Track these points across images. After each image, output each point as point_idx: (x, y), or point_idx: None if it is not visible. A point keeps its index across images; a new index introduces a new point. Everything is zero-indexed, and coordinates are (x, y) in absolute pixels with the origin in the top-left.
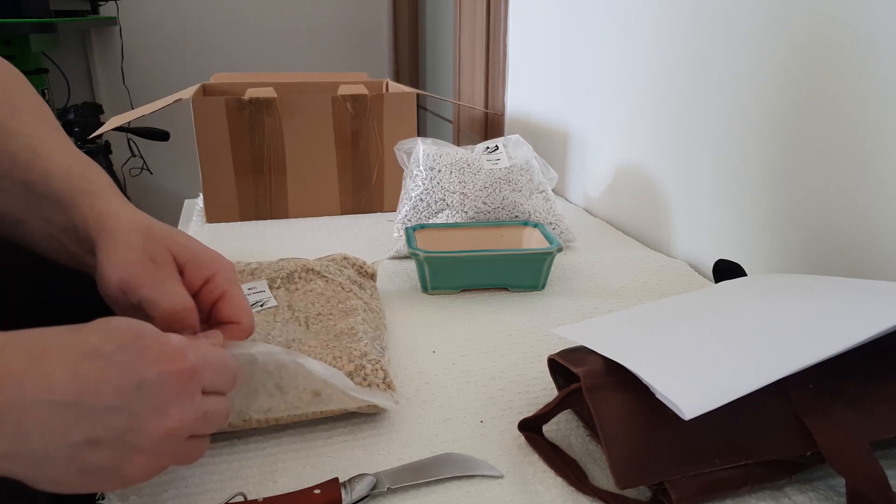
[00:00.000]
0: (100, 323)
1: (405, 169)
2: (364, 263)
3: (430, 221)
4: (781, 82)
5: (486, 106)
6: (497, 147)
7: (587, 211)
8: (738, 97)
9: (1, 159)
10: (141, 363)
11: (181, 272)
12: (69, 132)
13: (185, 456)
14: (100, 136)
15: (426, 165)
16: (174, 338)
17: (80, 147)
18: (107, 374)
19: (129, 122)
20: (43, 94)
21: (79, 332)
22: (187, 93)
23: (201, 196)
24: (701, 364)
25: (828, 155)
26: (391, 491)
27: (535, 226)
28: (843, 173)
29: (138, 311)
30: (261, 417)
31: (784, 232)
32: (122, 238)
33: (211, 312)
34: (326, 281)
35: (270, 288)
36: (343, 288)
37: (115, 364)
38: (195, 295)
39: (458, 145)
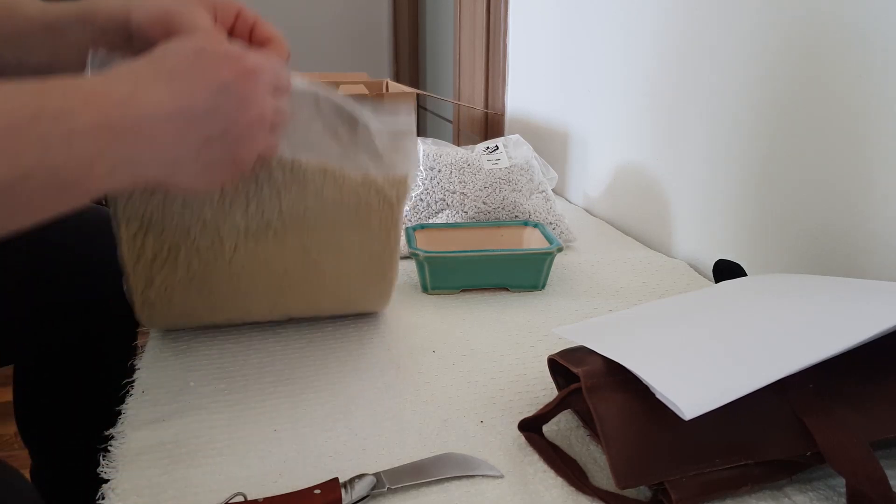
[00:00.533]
0: (161, 48)
1: None
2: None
3: (430, 221)
4: (782, 82)
5: (486, 106)
6: (497, 147)
7: (587, 211)
8: (738, 97)
9: (21, 21)
10: (215, 70)
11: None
12: None
13: (267, 144)
14: None
15: (426, 165)
16: (231, 46)
17: None
18: (193, 85)
19: None
20: None
21: (149, 60)
22: None
23: None
24: (701, 364)
25: (828, 155)
26: (391, 491)
27: (535, 226)
28: (843, 173)
29: None
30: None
31: (784, 232)
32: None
33: (250, 43)
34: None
35: None
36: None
37: (195, 77)
38: (230, 34)
39: (458, 145)
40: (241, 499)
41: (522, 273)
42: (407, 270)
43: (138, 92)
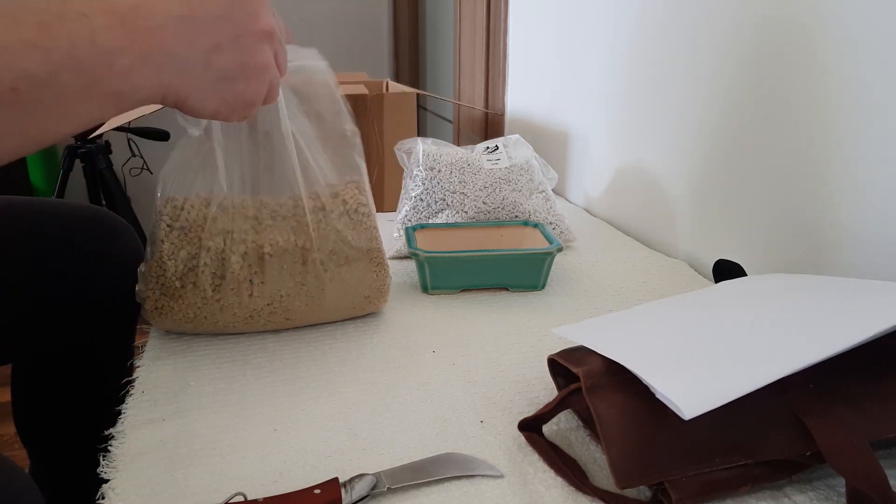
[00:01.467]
0: None
1: (405, 169)
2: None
3: (430, 221)
4: (782, 83)
5: (486, 106)
6: (497, 147)
7: (587, 211)
8: (738, 97)
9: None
10: None
11: None
12: None
13: (273, 85)
14: (100, 135)
15: (426, 165)
16: None
17: (79, 147)
18: None
19: (129, 122)
20: None
21: None
22: None
23: None
24: (701, 364)
25: (828, 155)
26: (391, 491)
27: (535, 226)
28: (843, 173)
29: None
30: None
31: (783, 231)
32: None
33: None
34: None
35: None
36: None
37: None
38: None
39: (458, 145)
40: (241, 499)
41: (522, 273)
42: (407, 270)
43: (151, 1)
